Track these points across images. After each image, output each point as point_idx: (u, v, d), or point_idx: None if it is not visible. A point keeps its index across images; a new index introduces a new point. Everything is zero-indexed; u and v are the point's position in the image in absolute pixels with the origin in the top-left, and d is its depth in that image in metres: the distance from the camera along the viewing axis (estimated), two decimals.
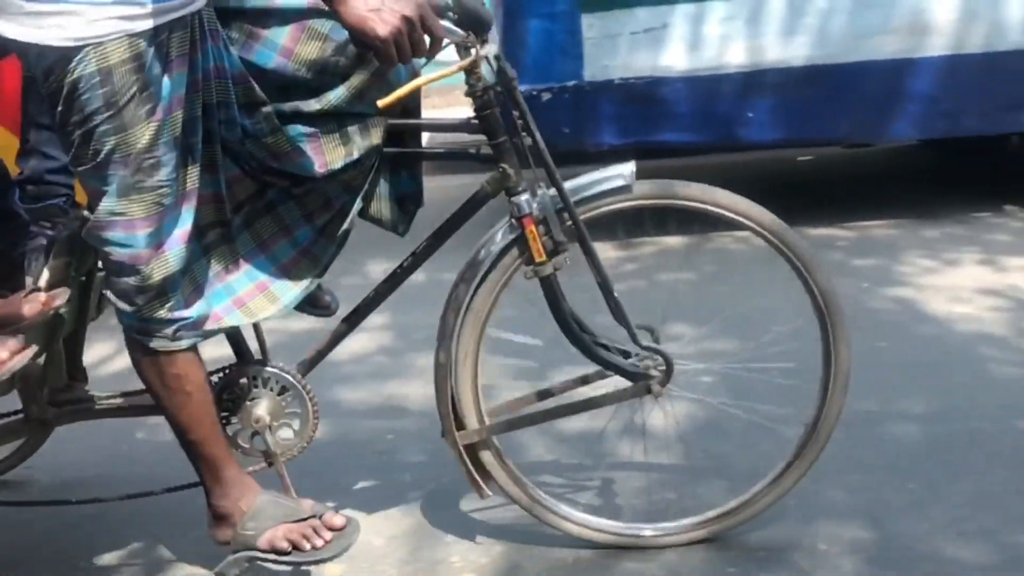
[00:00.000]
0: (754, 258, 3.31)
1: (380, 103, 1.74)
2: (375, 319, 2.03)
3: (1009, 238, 4.23)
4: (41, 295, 1.88)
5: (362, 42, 1.69)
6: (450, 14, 1.78)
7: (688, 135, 4.50)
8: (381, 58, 1.70)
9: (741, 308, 3.07)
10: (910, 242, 4.23)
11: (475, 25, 1.78)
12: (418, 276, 2.05)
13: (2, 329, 1.83)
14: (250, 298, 1.89)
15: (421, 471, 2.54)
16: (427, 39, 1.71)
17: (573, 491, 2.27)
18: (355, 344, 2.07)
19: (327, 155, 1.85)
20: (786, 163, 5.75)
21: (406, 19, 1.66)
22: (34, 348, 1.83)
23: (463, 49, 1.82)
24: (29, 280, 2.00)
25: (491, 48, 1.82)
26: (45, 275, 1.92)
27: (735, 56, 4.34)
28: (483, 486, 2.10)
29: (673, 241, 4.39)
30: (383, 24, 1.65)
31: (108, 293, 1.80)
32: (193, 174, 1.73)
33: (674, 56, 4.34)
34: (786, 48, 4.32)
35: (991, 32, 4.34)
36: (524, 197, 1.92)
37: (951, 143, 4.97)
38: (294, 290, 1.93)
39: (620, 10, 4.29)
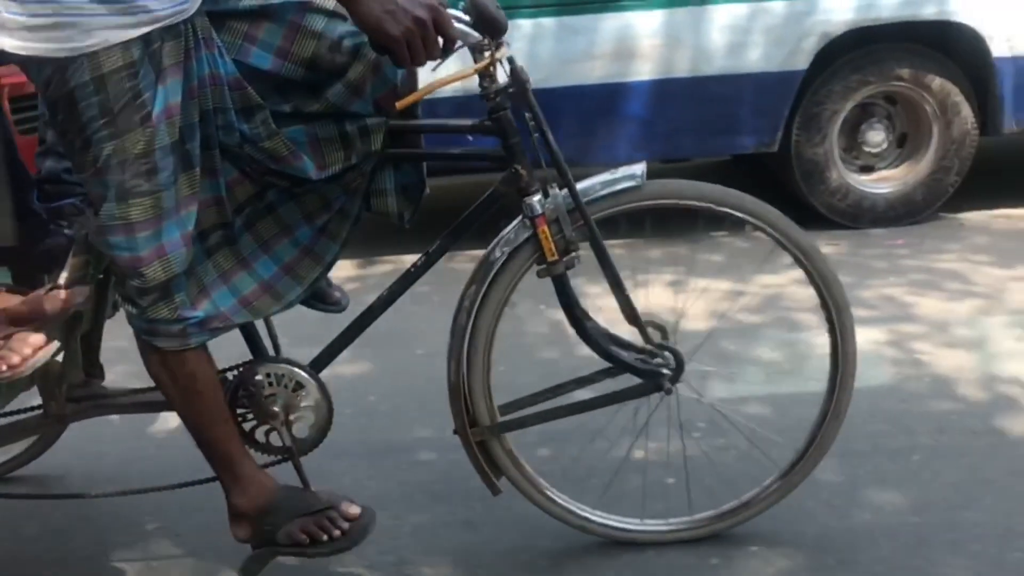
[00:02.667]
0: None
1: (398, 104, 1.77)
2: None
3: (720, 259, 4.11)
4: (61, 292, 1.91)
5: (377, 43, 1.72)
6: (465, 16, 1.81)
7: None
8: (395, 59, 1.73)
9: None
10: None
11: (490, 28, 1.80)
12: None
13: (24, 325, 1.86)
14: (255, 298, 1.92)
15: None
16: (440, 41, 1.73)
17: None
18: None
19: (326, 158, 1.87)
20: None
21: (419, 20, 1.67)
22: (56, 344, 1.86)
23: (478, 52, 1.85)
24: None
25: (505, 51, 1.84)
26: (65, 273, 1.95)
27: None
28: (495, 481, 2.13)
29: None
30: (396, 24, 1.67)
31: (118, 294, 1.83)
32: (192, 178, 1.75)
33: None
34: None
35: (697, 57, 4.48)
36: (537, 198, 1.95)
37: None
38: (298, 288, 1.95)
39: None
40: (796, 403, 2.57)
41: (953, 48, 4.51)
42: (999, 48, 4.41)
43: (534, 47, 4.41)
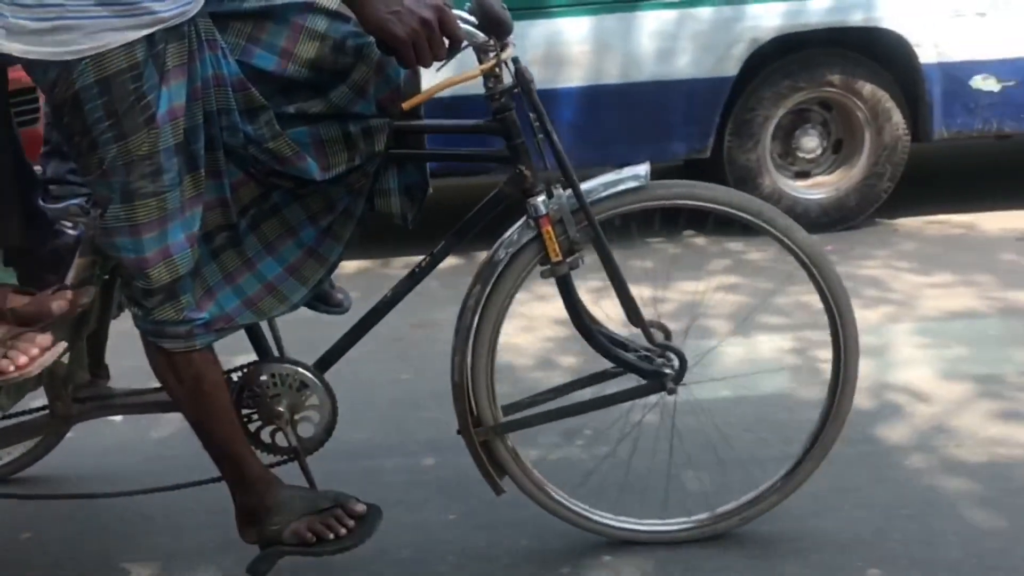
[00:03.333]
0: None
1: (405, 105, 1.78)
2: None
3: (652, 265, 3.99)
4: (68, 293, 1.91)
5: (383, 44, 1.73)
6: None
7: None
8: (401, 60, 1.74)
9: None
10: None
11: (496, 28, 1.81)
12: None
13: (32, 326, 1.86)
14: (260, 299, 1.93)
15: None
16: (446, 41, 1.74)
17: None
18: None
19: (329, 159, 1.87)
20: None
21: (424, 21, 1.69)
22: (63, 344, 1.87)
23: (483, 52, 1.86)
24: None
25: (511, 51, 1.85)
26: (71, 273, 1.95)
27: None
28: (498, 481, 2.14)
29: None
30: (401, 25, 1.68)
31: (124, 295, 1.84)
32: (197, 179, 1.76)
33: None
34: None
35: (627, 64, 4.51)
36: (541, 198, 1.96)
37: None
38: (302, 289, 1.96)
39: None
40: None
41: (882, 54, 4.53)
42: (927, 55, 4.43)
43: (462, 54, 4.36)
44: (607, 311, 2.06)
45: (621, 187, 2.00)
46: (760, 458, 2.45)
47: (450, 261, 2.10)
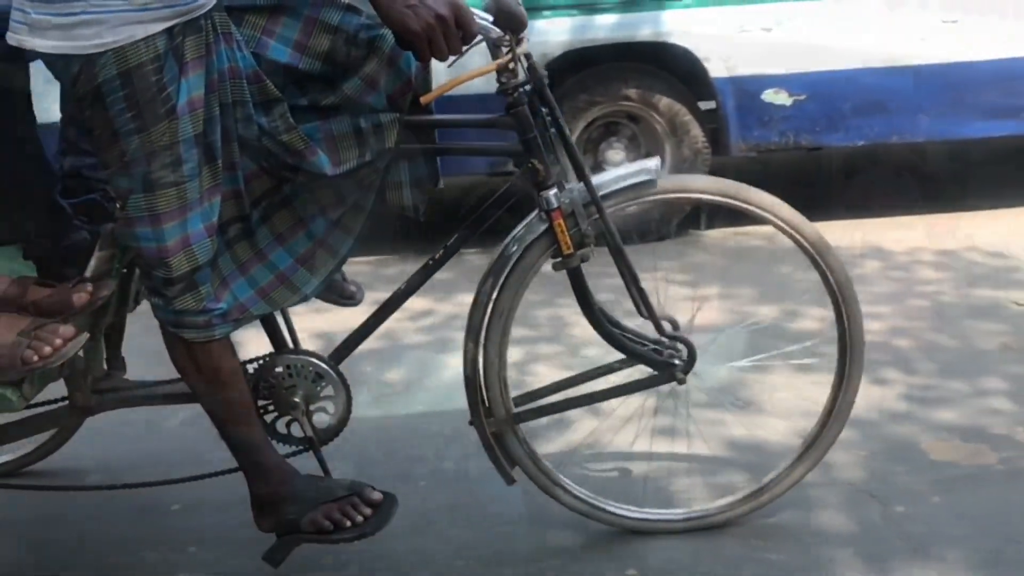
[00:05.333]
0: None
1: (422, 99, 1.82)
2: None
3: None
4: (88, 285, 1.94)
5: (400, 37, 1.76)
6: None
7: None
8: (416, 54, 1.77)
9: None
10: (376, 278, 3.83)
11: (511, 24, 1.84)
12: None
13: (53, 317, 1.89)
14: (272, 289, 1.96)
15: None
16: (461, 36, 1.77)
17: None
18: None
19: (340, 155, 1.90)
20: None
21: (440, 16, 1.72)
22: (85, 335, 1.90)
23: (496, 48, 1.90)
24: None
25: (525, 47, 1.89)
26: (91, 266, 1.98)
27: None
28: (510, 472, 2.17)
29: None
30: (417, 20, 1.72)
31: (143, 287, 1.87)
32: (215, 170, 1.80)
33: None
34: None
35: None
36: (553, 191, 1.99)
37: None
38: (313, 280, 1.99)
39: None
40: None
41: (676, 69, 4.49)
42: (716, 69, 4.41)
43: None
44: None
45: (632, 180, 2.03)
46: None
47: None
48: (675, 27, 4.41)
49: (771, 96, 4.45)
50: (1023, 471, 2.38)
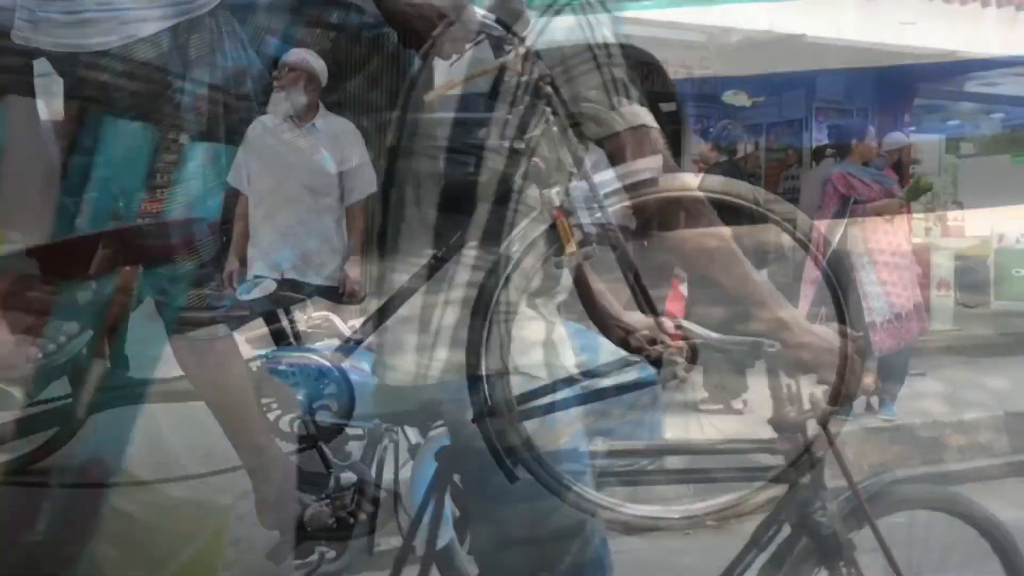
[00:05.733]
0: None
1: (426, 98, 1.82)
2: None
3: None
4: (92, 283, 1.94)
5: (402, 36, 1.77)
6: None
7: None
8: (418, 52, 1.78)
9: None
10: None
11: (514, 22, 1.85)
12: None
13: (56, 315, 1.90)
14: (274, 286, 1.97)
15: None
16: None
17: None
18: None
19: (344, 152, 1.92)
20: None
21: (443, 14, 1.73)
22: (90, 332, 1.91)
23: (497, 47, 1.90)
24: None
25: (527, 45, 1.89)
26: (95, 264, 1.98)
27: None
28: (512, 469, 2.17)
29: None
30: (420, 19, 1.72)
31: (147, 284, 1.88)
32: (219, 168, 1.80)
33: None
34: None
35: None
36: (555, 189, 1.99)
37: None
38: (316, 278, 2.00)
39: None
40: None
41: None
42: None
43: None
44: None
45: (635, 178, 2.03)
46: None
47: None
48: None
49: None
50: None
